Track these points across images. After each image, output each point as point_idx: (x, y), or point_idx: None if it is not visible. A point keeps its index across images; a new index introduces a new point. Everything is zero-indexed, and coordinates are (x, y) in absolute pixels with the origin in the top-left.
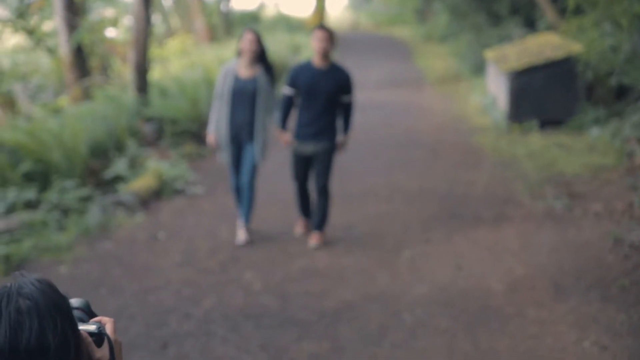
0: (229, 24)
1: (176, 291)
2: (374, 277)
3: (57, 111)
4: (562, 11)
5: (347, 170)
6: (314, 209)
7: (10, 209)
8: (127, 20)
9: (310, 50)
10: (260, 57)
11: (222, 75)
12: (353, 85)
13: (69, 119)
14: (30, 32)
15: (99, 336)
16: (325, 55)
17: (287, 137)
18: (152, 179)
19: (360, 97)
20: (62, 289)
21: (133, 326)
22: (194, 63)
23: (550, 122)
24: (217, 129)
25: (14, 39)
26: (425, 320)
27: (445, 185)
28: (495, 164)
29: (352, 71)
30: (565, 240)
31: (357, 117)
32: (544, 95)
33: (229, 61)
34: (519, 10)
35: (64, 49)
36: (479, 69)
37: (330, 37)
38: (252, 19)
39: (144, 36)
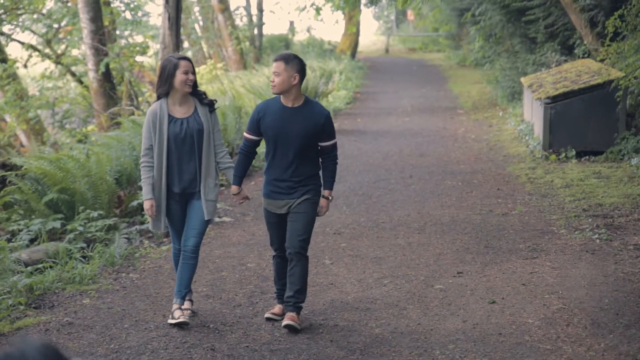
0: (259, 51)
1: (202, 324)
2: (405, 311)
3: (84, 139)
4: (601, 36)
5: (377, 200)
6: (288, 280)
7: (35, 239)
8: (157, 46)
9: (347, 75)
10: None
11: (148, 121)
12: (332, 126)
13: (96, 147)
14: (58, 58)
15: None
16: (285, 91)
17: (243, 195)
18: None
19: (392, 124)
20: (86, 322)
21: None
22: (223, 90)
23: (588, 150)
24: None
25: (42, 66)
26: (457, 358)
27: (479, 216)
28: (531, 194)
29: (383, 97)
30: (604, 274)
31: (389, 145)
32: (582, 123)
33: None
34: (556, 36)
35: (92, 76)
36: (514, 95)
37: (292, 67)
38: (282, 43)
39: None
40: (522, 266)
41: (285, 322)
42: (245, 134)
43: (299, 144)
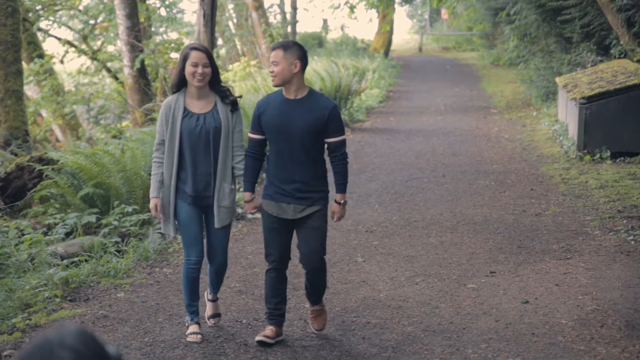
0: None
1: (234, 319)
2: (437, 309)
3: (118, 134)
4: (638, 36)
5: (409, 198)
6: (309, 290)
7: (70, 233)
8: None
9: (380, 74)
10: (214, 80)
11: (162, 114)
12: (339, 120)
13: (130, 143)
14: (94, 54)
15: None
16: (286, 81)
17: (255, 204)
18: None
19: (425, 123)
20: (120, 315)
21: (189, 355)
22: (256, 87)
23: (623, 151)
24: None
25: (78, 62)
26: (490, 357)
27: (512, 216)
28: (565, 194)
29: (416, 96)
30: (639, 275)
31: (421, 144)
32: (617, 124)
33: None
34: (592, 36)
35: (127, 72)
36: (549, 95)
37: (292, 55)
38: (315, 41)
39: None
40: (556, 266)
41: (315, 326)
42: (249, 134)
43: (302, 140)
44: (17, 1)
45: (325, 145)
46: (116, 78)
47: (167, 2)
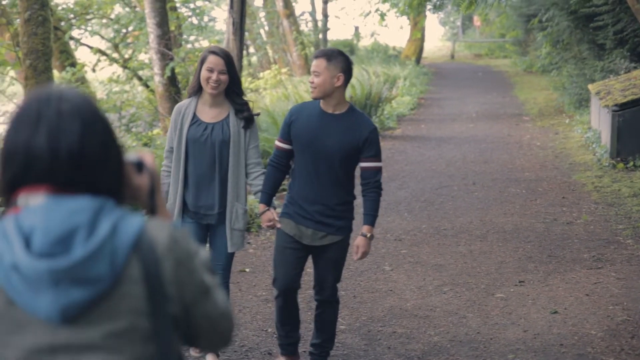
0: None
1: (260, 328)
2: (464, 319)
3: (149, 142)
4: None
5: (439, 207)
6: (315, 325)
7: None
8: None
9: (412, 81)
10: (232, 90)
11: (172, 119)
12: (377, 144)
13: (160, 150)
14: (125, 63)
15: (138, 166)
16: (327, 94)
17: (272, 216)
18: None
19: (456, 130)
20: None
21: None
22: (287, 95)
23: None
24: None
25: (110, 70)
26: None
27: (542, 225)
28: (597, 202)
29: (448, 103)
30: None
31: (452, 152)
32: None
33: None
34: (626, 42)
35: (158, 80)
36: (581, 102)
37: (335, 66)
38: (347, 49)
39: (237, 67)
40: (586, 276)
41: None
42: (276, 142)
43: (334, 159)
44: (48, 10)
45: (359, 171)
46: (147, 86)
47: (197, 11)
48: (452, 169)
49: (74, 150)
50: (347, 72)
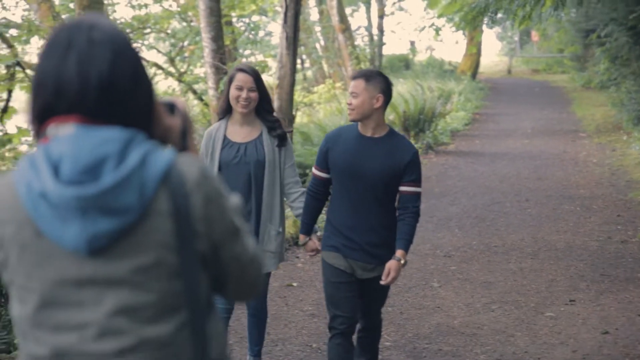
0: (379, 69)
1: (304, 343)
2: (512, 338)
3: None
4: None
5: (490, 223)
6: (358, 347)
7: None
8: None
9: (467, 96)
10: (262, 107)
11: (202, 144)
12: (419, 169)
13: None
14: (180, 76)
15: (170, 108)
16: (365, 116)
17: (315, 245)
18: (291, 225)
19: (511, 146)
20: None
21: None
22: (340, 109)
23: None
24: None
25: (165, 84)
26: None
27: (596, 243)
28: None
29: (503, 119)
30: None
31: (506, 168)
32: None
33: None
34: None
35: (212, 94)
36: None
37: (374, 87)
38: (402, 63)
39: (288, 81)
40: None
41: None
42: (313, 170)
43: (375, 186)
44: None
45: (397, 197)
46: (201, 99)
47: (251, 25)
48: (505, 185)
49: (104, 78)
50: (387, 93)
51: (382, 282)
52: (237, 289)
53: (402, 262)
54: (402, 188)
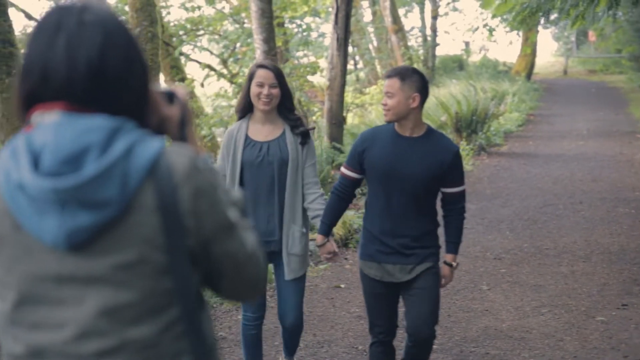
0: (432, 71)
1: (350, 345)
2: (561, 342)
3: None
4: None
5: (542, 225)
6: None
7: None
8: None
9: (521, 97)
10: (284, 105)
11: (223, 144)
12: (461, 167)
13: None
14: (232, 78)
15: (169, 97)
16: (401, 117)
17: (332, 247)
18: (339, 227)
19: (565, 147)
20: (238, 337)
21: None
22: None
23: None
24: None
25: (218, 85)
26: None
27: None
28: None
29: (558, 120)
30: None
31: (560, 169)
32: None
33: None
34: None
35: None
36: None
37: (410, 86)
38: (455, 64)
39: (339, 83)
40: None
41: None
42: (342, 169)
43: (414, 188)
44: (156, 27)
45: (440, 196)
46: None
47: (304, 27)
48: (559, 187)
49: (94, 62)
50: (423, 92)
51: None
52: (233, 287)
53: (454, 265)
54: (446, 190)
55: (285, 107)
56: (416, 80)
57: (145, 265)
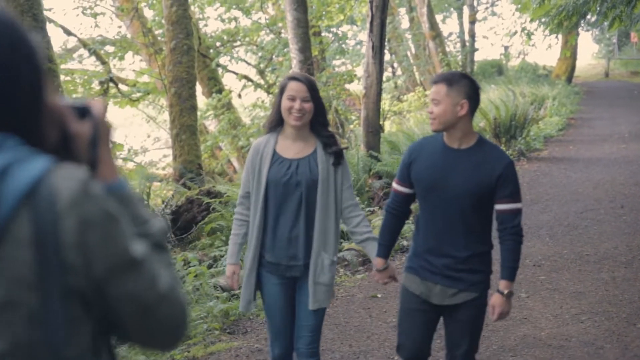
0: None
1: (386, 356)
2: (601, 350)
3: None
4: None
5: (583, 231)
6: None
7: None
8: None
9: (561, 101)
10: (317, 120)
11: (248, 160)
12: (515, 182)
13: None
14: (269, 88)
15: (82, 112)
16: (449, 126)
17: (390, 273)
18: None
19: (606, 151)
20: None
21: None
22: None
23: None
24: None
25: (255, 95)
26: None
27: None
28: None
29: (599, 123)
30: None
31: (600, 174)
32: None
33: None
34: None
35: None
36: None
37: (458, 92)
38: (494, 69)
39: (375, 91)
40: None
41: None
42: (393, 185)
43: (461, 203)
44: (192, 39)
45: (495, 215)
46: None
47: (339, 35)
48: (600, 192)
49: None
50: (473, 98)
51: (492, 320)
52: (143, 334)
53: (506, 293)
54: (498, 206)
55: (318, 122)
56: (465, 86)
57: (14, 309)
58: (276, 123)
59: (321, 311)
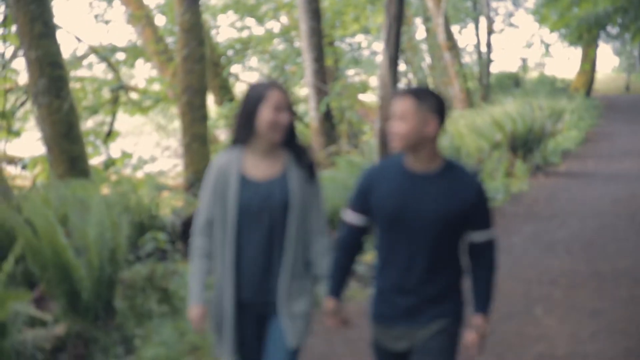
0: (487, 88)
1: None
2: None
3: None
4: None
5: (601, 248)
6: None
7: None
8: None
9: (580, 115)
10: (290, 136)
11: (209, 181)
12: (487, 208)
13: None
14: None
15: None
16: (414, 145)
17: (342, 317)
18: None
19: (626, 166)
20: None
21: None
22: (444, 130)
23: None
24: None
25: None
26: None
27: None
28: None
29: (618, 138)
30: None
31: (620, 190)
32: None
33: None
34: None
35: (313, 115)
36: None
37: (426, 108)
38: (511, 81)
39: (390, 102)
40: None
41: None
42: (346, 215)
43: (431, 235)
44: (205, 48)
45: (467, 243)
46: (301, 120)
47: (354, 45)
48: (619, 208)
49: None
50: (441, 116)
51: (468, 344)
52: None
53: (481, 330)
54: (474, 237)
55: (290, 134)
56: (433, 103)
57: None
58: (243, 137)
59: (298, 350)
